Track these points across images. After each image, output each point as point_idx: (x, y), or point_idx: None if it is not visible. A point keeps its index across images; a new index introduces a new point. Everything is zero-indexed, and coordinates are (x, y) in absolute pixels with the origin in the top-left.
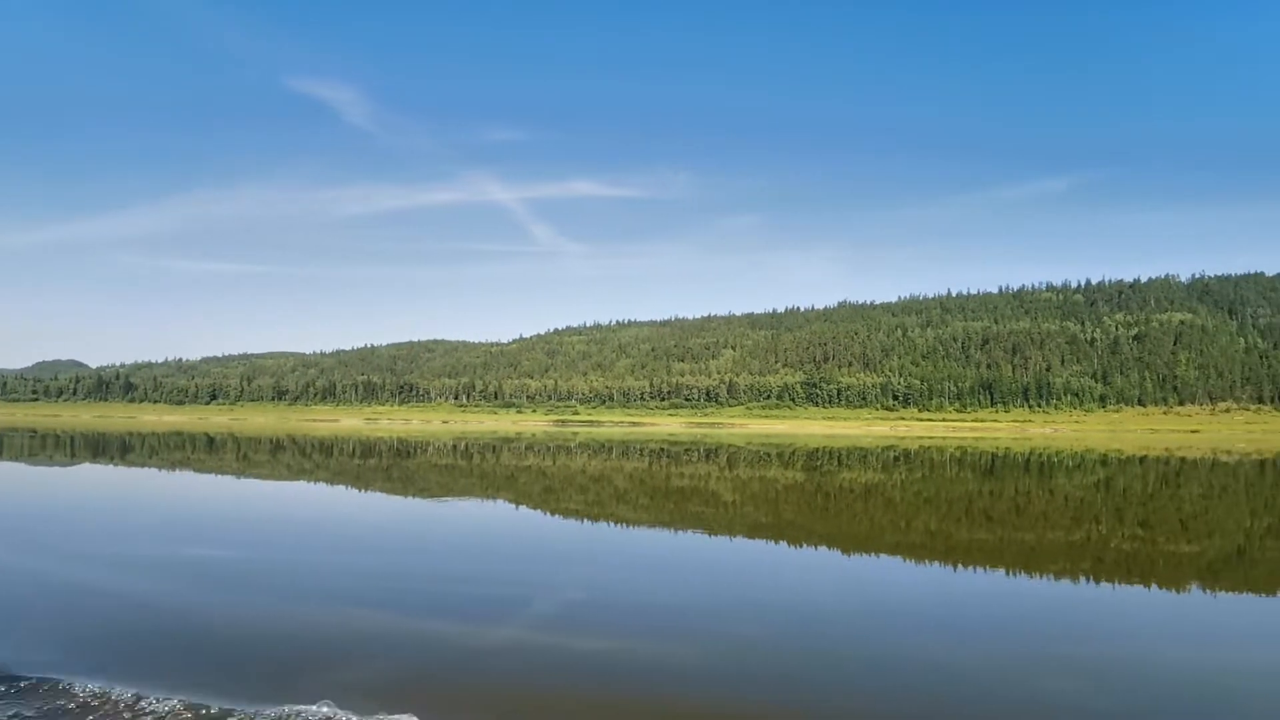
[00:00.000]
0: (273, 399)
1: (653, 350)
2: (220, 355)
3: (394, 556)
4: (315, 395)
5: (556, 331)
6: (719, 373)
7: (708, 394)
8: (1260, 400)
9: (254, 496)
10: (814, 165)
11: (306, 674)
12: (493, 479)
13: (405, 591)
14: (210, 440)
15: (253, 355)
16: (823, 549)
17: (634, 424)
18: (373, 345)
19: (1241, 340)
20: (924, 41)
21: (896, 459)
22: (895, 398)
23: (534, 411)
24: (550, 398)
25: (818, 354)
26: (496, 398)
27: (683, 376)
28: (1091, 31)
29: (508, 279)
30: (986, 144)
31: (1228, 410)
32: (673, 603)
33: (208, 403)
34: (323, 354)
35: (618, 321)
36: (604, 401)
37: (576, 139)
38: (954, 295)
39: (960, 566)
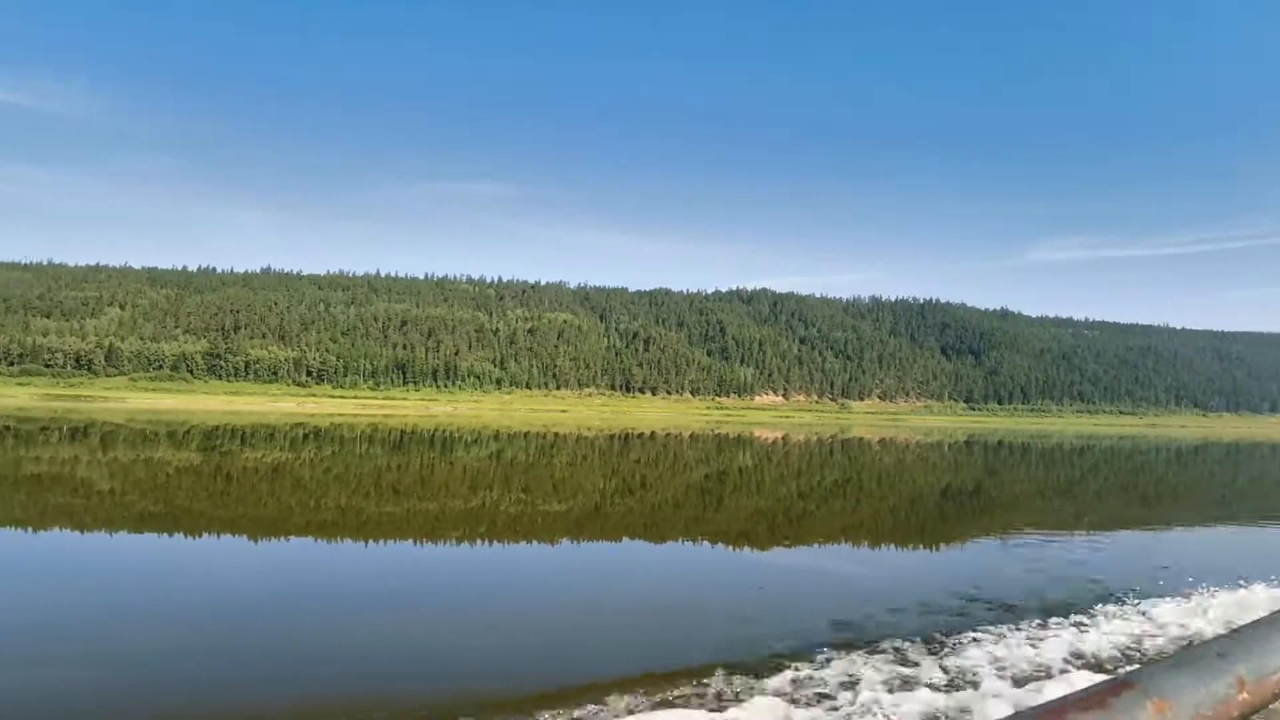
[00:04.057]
0: None
1: (3, 300)
2: None
3: None
4: None
5: None
6: (97, 335)
7: (79, 360)
8: (614, 387)
9: None
10: (256, 115)
11: None
12: None
13: None
14: None
15: None
16: (227, 536)
17: None
18: None
19: (606, 340)
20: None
21: (306, 436)
22: (309, 374)
23: None
24: None
25: (228, 321)
26: None
27: (45, 336)
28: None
29: None
30: (444, 140)
31: (591, 394)
32: (50, 620)
33: None
34: None
35: None
36: None
37: None
38: (382, 276)
39: (372, 541)
